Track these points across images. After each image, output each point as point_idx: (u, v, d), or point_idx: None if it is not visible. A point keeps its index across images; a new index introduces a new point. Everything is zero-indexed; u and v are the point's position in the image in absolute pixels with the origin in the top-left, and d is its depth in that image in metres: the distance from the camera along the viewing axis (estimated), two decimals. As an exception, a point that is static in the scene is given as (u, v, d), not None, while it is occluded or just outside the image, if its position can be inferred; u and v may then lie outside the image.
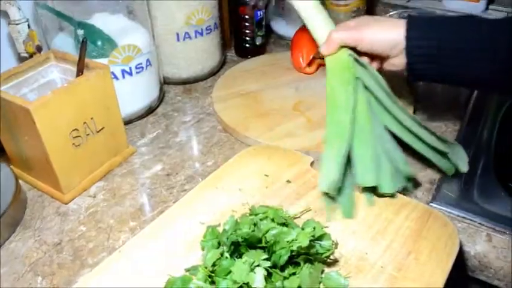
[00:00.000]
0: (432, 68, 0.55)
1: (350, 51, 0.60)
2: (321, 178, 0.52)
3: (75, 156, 0.59)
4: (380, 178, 0.53)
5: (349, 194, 0.53)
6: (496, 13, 0.99)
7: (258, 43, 0.91)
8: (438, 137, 0.57)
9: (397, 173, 0.55)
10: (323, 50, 0.62)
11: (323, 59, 0.84)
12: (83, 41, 0.58)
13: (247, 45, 0.91)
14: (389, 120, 0.58)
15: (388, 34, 0.57)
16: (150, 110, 0.76)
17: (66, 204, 0.59)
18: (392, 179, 0.53)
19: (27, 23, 0.69)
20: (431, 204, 0.56)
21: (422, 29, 0.55)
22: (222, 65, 0.89)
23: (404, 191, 0.56)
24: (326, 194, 0.53)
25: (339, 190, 0.53)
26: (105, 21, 0.68)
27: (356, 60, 0.60)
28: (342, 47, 0.60)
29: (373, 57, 0.61)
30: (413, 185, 0.58)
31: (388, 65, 0.60)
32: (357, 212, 0.52)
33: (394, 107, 0.58)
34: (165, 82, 0.83)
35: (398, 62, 0.58)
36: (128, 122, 0.72)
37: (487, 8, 0.99)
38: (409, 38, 0.55)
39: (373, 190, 0.54)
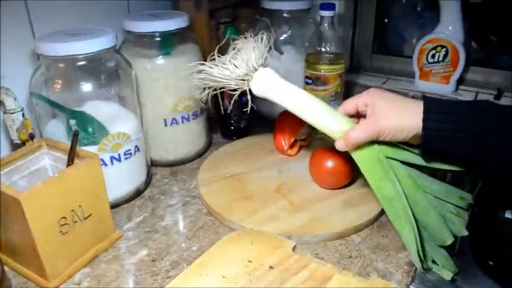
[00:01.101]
0: (449, 153, 0.57)
1: (375, 145, 0.60)
2: (414, 261, 0.57)
3: (62, 243, 0.60)
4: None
5: (441, 253, 0.59)
6: (466, 93, 1.05)
7: (242, 125, 0.96)
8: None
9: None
10: (339, 148, 0.61)
11: (304, 140, 0.89)
12: (74, 133, 0.61)
13: (232, 127, 0.96)
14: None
15: (407, 124, 0.56)
16: (138, 193, 0.78)
17: (50, 292, 0.59)
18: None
19: (22, 112, 0.72)
20: (410, 287, 0.58)
21: (440, 117, 0.55)
22: (208, 147, 0.93)
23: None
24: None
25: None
26: (97, 108, 0.71)
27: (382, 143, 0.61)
28: None
29: None
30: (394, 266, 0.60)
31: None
32: None
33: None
34: (153, 164, 0.86)
35: (413, 141, 0.58)
36: (115, 206, 0.74)
37: (456, 89, 1.06)
38: (426, 126, 0.55)
39: None
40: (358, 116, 0.64)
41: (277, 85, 0.65)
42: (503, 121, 0.54)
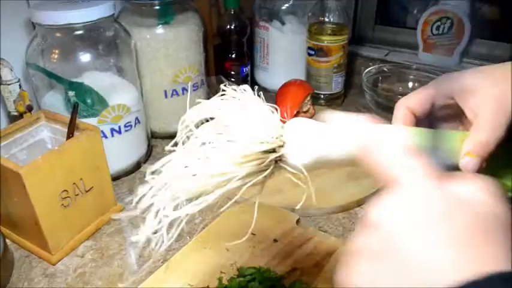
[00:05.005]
0: None
1: None
2: None
3: (64, 216, 0.59)
4: None
5: None
6: (470, 66, 1.04)
7: (243, 97, 0.94)
8: None
9: None
10: (473, 168, 0.38)
11: (306, 112, 0.88)
12: (74, 106, 0.60)
13: (232, 99, 0.94)
14: None
15: None
16: (138, 166, 0.77)
17: (53, 265, 0.59)
18: None
19: (18, 83, 0.71)
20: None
21: None
22: (208, 118, 0.91)
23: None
24: None
25: None
26: (95, 79, 0.69)
27: None
28: None
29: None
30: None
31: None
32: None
33: None
34: (153, 136, 0.85)
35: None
36: (115, 178, 0.74)
37: (460, 62, 1.04)
38: None
39: None
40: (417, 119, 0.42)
41: (328, 132, 0.36)
42: None
